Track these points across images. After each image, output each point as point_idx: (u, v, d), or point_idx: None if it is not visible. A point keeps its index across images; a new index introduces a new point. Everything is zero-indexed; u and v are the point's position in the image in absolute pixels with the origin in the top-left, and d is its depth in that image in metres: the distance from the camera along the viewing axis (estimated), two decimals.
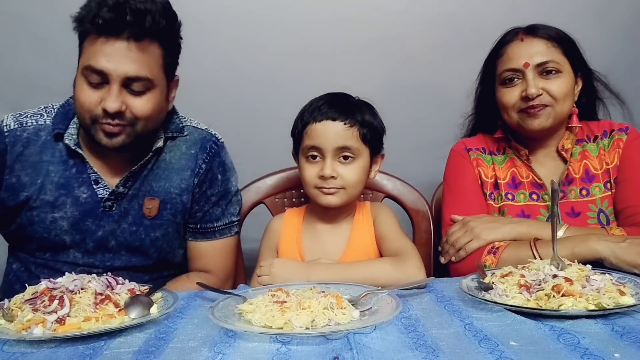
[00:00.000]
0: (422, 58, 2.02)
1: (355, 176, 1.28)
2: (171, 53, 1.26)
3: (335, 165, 1.27)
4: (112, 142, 1.20)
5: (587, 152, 1.41)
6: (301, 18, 1.97)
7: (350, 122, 1.26)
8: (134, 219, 1.30)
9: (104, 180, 1.28)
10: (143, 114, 1.20)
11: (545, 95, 1.31)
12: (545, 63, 1.32)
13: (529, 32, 1.35)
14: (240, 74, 1.94)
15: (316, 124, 1.27)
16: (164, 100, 1.28)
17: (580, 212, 1.36)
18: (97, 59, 1.14)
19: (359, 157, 1.28)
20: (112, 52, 1.14)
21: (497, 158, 1.47)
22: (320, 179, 1.27)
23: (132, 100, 1.18)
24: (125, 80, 1.16)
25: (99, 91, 1.17)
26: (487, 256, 1.24)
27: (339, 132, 1.26)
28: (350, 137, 1.26)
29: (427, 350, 0.76)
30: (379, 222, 1.35)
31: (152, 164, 1.32)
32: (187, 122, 1.40)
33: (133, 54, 1.15)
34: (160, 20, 1.17)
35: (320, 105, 1.29)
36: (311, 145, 1.28)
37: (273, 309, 0.89)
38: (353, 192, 1.31)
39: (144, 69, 1.17)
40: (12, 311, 0.92)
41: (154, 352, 0.80)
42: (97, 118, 1.18)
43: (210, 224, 1.38)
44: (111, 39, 1.14)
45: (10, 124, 1.29)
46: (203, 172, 1.35)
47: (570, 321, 0.85)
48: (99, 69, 1.14)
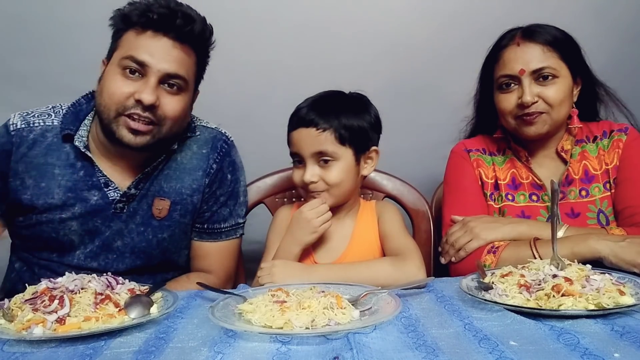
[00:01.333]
0: (422, 58, 2.02)
1: (337, 177, 1.29)
2: (202, 65, 1.31)
3: (315, 170, 1.28)
4: (136, 140, 1.19)
5: (586, 152, 1.41)
6: (301, 18, 1.97)
7: (322, 126, 1.27)
8: (142, 220, 1.29)
9: (114, 183, 1.27)
10: (173, 113, 1.21)
11: (541, 102, 1.31)
12: (541, 69, 1.31)
13: (526, 36, 1.34)
14: (240, 73, 1.94)
15: (293, 131, 1.31)
16: (190, 108, 1.31)
17: (579, 213, 1.36)
18: (140, 50, 1.16)
19: (338, 159, 1.29)
20: (156, 47, 1.17)
21: (497, 159, 1.47)
22: (305, 182, 1.29)
23: (165, 97, 1.20)
24: (164, 76, 1.18)
25: (134, 83, 1.17)
26: (486, 256, 1.24)
27: (313, 138, 1.27)
28: (325, 142, 1.27)
29: (427, 350, 0.76)
30: (383, 220, 1.36)
31: (162, 165, 1.31)
32: (198, 121, 1.40)
33: (175, 53, 1.19)
34: (204, 31, 1.24)
35: (300, 109, 1.32)
36: (292, 151, 1.32)
37: (273, 308, 0.89)
38: (339, 192, 1.31)
39: (183, 69, 1.20)
40: (12, 311, 0.92)
41: (154, 352, 0.80)
42: (126, 109, 1.17)
43: (217, 224, 1.38)
44: (159, 34, 1.17)
45: (17, 123, 1.27)
46: (214, 172, 1.35)
47: (570, 321, 0.85)
48: (141, 60, 1.16)
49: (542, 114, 1.32)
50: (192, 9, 1.22)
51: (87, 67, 1.27)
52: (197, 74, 1.29)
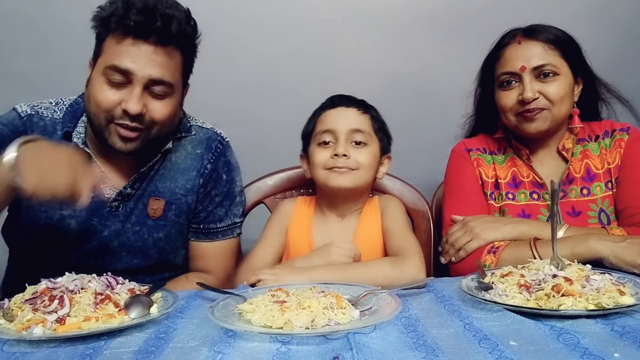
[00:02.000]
0: (422, 58, 2.02)
1: (367, 159, 1.32)
2: (190, 60, 1.28)
3: (347, 147, 1.32)
4: (127, 147, 1.20)
5: (588, 151, 1.41)
6: (301, 18, 1.97)
7: (363, 109, 1.35)
8: (137, 219, 1.30)
9: (110, 181, 1.28)
10: (161, 117, 1.21)
11: (541, 98, 1.32)
12: (542, 66, 1.32)
13: (527, 35, 1.35)
14: (240, 74, 1.94)
15: (330, 110, 1.36)
16: (179, 106, 1.30)
17: (580, 212, 1.36)
18: (122, 59, 1.14)
19: (370, 144, 1.34)
20: (138, 54, 1.15)
21: (497, 158, 1.47)
22: (334, 158, 1.30)
23: (152, 103, 1.19)
24: (148, 82, 1.16)
25: (119, 92, 1.16)
26: (486, 256, 1.24)
27: (353, 116, 1.33)
28: (363, 122, 1.34)
29: (427, 350, 0.76)
30: (386, 215, 1.37)
31: (158, 165, 1.32)
32: (193, 121, 1.40)
33: (159, 58, 1.16)
34: (186, 27, 1.20)
35: (333, 97, 1.38)
36: (325, 129, 1.33)
37: (273, 308, 0.89)
38: (362, 177, 1.33)
39: (167, 74, 1.18)
40: (12, 311, 0.92)
41: (154, 352, 0.80)
42: (114, 118, 1.17)
43: (213, 224, 1.38)
44: (139, 41, 1.14)
45: (26, 110, 1.28)
46: (208, 172, 1.35)
47: (570, 321, 0.85)
48: (124, 69, 1.14)
49: (543, 111, 1.32)
50: (171, 6, 1.18)
51: (87, 68, 1.26)
52: (184, 72, 1.27)
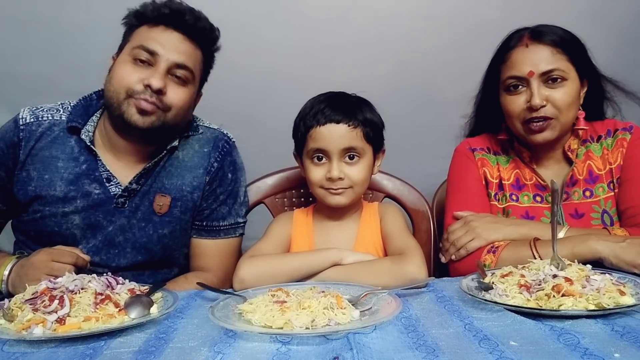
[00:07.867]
0: (421, 58, 2.02)
1: (362, 175, 1.31)
2: (207, 66, 1.37)
3: (341, 166, 1.29)
4: (143, 120, 1.23)
5: (591, 152, 1.40)
6: (301, 18, 1.97)
7: (353, 123, 1.28)
8: (143, 215, 1.32)
9: (116, 178, 1.30)
10: (179, 102, 1.26)
11: (549, 106, 1.29)
12: (551, 71, 1.28)
13: (534, 37, 1.32)
14: (240, 74, 1.94)
15: (320, 127, 1.28)
16: (193, 103, 1.35)
17: (584, 214, 1.35)
18: (152, 41, 1.24)
19: (363, 156, 1.31)
20: (166, 39, 1.25)
21: (501, 158, 1.46)
22: (328, 180, 1.29)
23: (172, 87, 1.25)
24: (172, 65, 1.24)
25: (144, 71, 1.23)
26: (486, 255, 1.24)
27: (344, 134, 1.27)
28: (355, 138, 1.28)
29: (427, 350, 0.76)
30: (385, 221, 1.37)
31: (164, 162, 1.34)
32: (200, 121, 1.44)
33: (184, 46, 1.27)
34: (210, 32, 1.32)
35: (323, 108, 1.30)
36: (316, 148, 1.29)
37: (273, 309, 0.89)
38: (359, 190, 1.34)
39: (190, 61, 1.27)
40: (12, 311, 0.92)
41: (154, 352, 0.80)
42: (134, 93, 1.22)
43: (216, 222, 1.39)
44: (169, 29, 1.26)
45: (26, 118, 1.31)
46: (215, 170, 1.38)
47: (570, 321, 0.85)
48: (152, 49, 1.23)
49: (551, 121, 1.29)
50: (201, 14, 1.31)
51: (93, 70, 1.29)
52: (202, 72, 1.34)
